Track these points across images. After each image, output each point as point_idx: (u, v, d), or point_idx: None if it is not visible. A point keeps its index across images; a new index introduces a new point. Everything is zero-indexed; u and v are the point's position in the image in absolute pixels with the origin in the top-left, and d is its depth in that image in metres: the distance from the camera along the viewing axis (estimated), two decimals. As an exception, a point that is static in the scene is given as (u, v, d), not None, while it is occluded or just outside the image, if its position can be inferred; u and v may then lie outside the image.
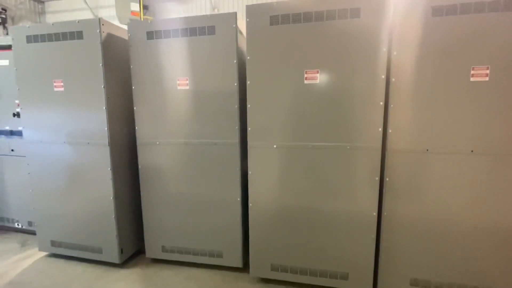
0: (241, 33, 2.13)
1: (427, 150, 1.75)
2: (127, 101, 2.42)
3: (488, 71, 1.62)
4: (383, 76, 1.71)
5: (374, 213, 1.85)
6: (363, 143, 1.80)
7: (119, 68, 2.33)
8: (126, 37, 2.35)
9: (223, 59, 2.02)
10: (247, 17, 1.87)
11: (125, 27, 2.23)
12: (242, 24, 2.01)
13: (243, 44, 2.17)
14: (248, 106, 1.97)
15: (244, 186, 2.18)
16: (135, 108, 2.26)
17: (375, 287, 1.98)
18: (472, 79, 1.64)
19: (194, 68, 2.09)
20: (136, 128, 2.28)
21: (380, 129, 1.77)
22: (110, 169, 2.24)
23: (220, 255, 2.29)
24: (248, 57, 1.91)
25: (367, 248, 1.90)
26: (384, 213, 1.86)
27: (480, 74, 1.63)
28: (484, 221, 1.73)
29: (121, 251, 2.40)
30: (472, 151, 1.69)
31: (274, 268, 2.10)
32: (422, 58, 1.68)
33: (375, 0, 1.66)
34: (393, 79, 1.74)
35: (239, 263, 2.27)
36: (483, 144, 1.68)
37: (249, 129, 1.99)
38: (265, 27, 1.84)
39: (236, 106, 2.05)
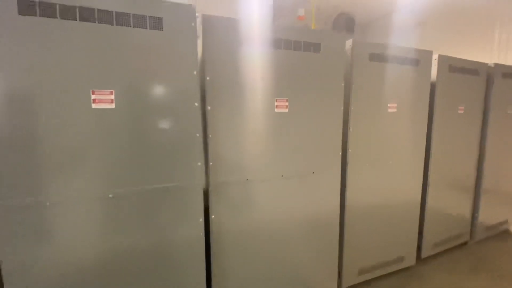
0: None
1: (247, 179, 1.72)
2: None
3: (287, 103, 1.78)
4: (196, 104, 1.48)
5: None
6: (182, 181, 1.50)
7: None
8: None
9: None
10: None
11: None
12: None
13: None
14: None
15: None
16: None
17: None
18: (276, 110, 1.75)
19: None
20: None
21: (199, 163, 1.54)
22: None
23: None
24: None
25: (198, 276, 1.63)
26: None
27: (281, 106, 1.76)
28: (296, 223, 1.94)
29: None
30: (282, 175, 1.83)
31: None
32: (233, 86, 1.61)
33: (179, 12, 1.40)
34: (209, 107, 1.56)
35: None
36: (289, 170, 1.84)
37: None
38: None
39: None
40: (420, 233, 2.67)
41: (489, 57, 5.63)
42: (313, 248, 2.02)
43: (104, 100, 1.28)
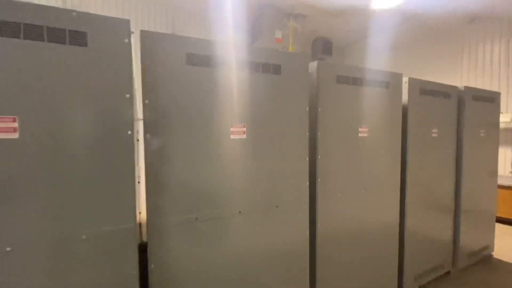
0: None
1: (196, 218, 1.47)
2: None
3: (245, 129, 1.58)
4: (129, 132, 1.26)
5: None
6: (110, 225, 1.23)
7: None
8: None
9: None
10: None
11: None
12: None
13: None
14: None
15: None
16: None
17: None
18: (232, 136, 1.55)
19: None
20: None
21: (131, 203, 1.28)
22: None
23: None
24: None
25: None
26: None
27: (238, 132, 1.57)
28: (259, 261, 1.68)
29: None
30: (239, 211, 1.59)
31: None
32: (180, 111, 1.40)
33: (108, 27, 1.20)
34: (148, 135, 1.34)
35: None
36: (248, 204, 1.62)
37: None
38: None
39: None
40: (401, 265, 2.46)
41: (459, 81, 5.82)
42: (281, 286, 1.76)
43: (3, 129, 1.03)
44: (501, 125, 4.24)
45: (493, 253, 3.41)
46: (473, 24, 5.68)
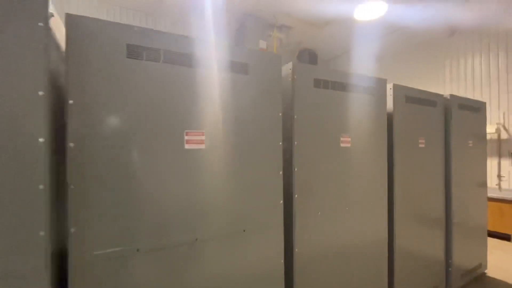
0: None
1: (138, 250, 1.17)
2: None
3: (203, 137, 1.32)
4: (41, 140, 0.97)
5: None
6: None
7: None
8: None
9: None
10: None
11: None
12: None
13: None
14: None
15: None
16: None
17: None
18: (187, 146, 1.29)
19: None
20: None
21: (42, 233, 0.97)
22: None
23: None
24: None
25: None
26: None
27: (195, 141, 1.30)
28: None
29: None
30: (196, 239, 1.30)
31: None
32: (118, 114, 1.14)
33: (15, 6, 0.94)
34: (71, 144, 1.05)
35: None
36: (207, 229, 1.33)
37: None
38: None
39: None
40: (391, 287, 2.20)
41: (442, 90, 5.82)
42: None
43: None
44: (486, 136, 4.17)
45: (486, 271, 3.21)
46: (453, 37, 5.75)
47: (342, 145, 1.85)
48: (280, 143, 1.56)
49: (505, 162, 4.98)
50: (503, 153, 5.01)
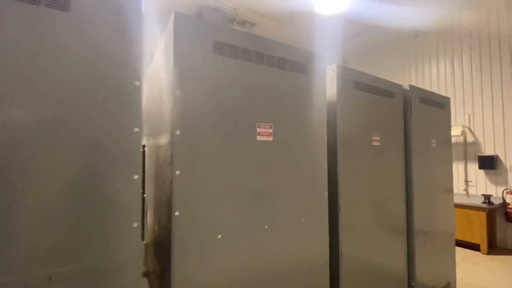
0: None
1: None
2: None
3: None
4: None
5: None
6: None
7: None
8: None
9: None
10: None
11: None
12: None
13: None
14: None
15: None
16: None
17: None
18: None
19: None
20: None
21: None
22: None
23: None
24: None
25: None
26: None
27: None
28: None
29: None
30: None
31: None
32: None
33: None
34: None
35: None
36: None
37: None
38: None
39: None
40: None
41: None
42: None
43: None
44: (452, 139, 3.91)
45: (455, 289, 2.82)
46: (417, 38, 5.61)
47: (259, 138, 1.35)
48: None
49: (471, 166, 4.76)
50: (470, 156, 4.80)
